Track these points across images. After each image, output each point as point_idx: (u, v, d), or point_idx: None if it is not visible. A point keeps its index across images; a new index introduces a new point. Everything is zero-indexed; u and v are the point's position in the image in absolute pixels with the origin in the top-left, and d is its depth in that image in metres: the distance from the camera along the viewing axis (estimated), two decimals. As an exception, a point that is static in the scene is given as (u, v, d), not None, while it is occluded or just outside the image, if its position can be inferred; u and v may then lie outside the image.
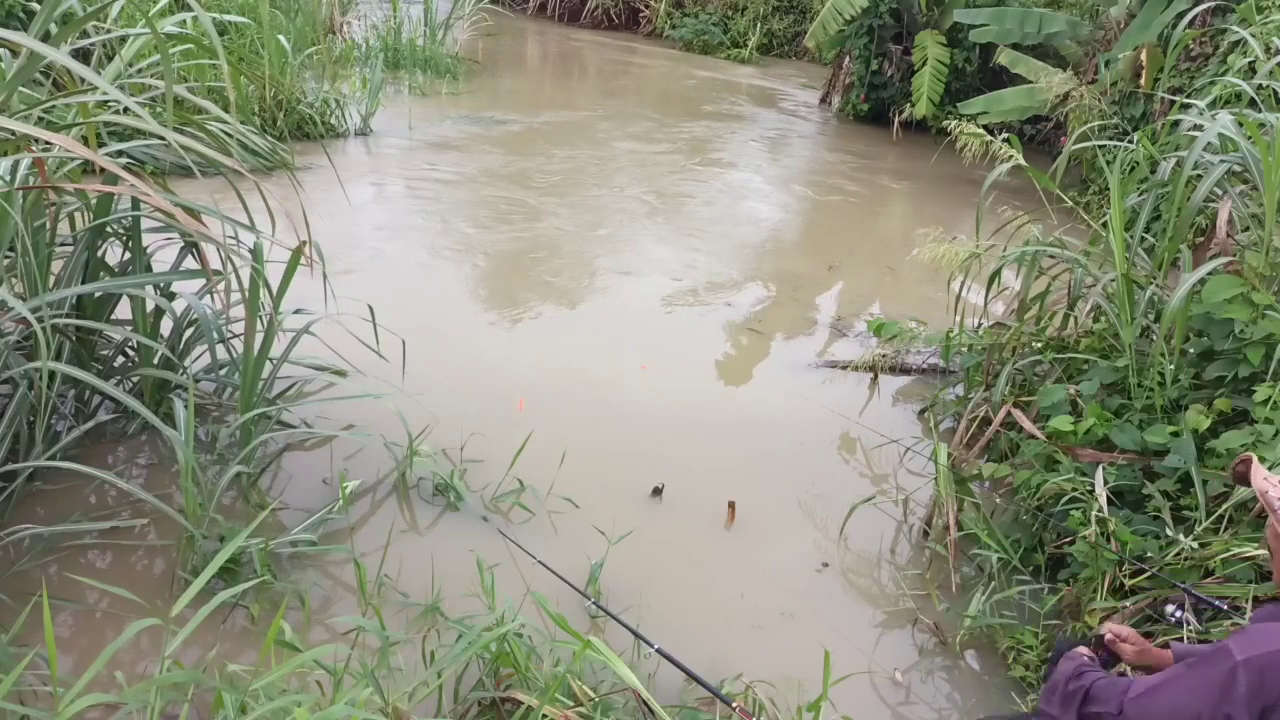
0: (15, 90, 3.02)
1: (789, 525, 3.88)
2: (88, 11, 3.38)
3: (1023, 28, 9.34)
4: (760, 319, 5.84)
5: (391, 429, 3.85)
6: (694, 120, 10.87)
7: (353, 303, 4.00)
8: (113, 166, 2.67)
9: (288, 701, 2.16)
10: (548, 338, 5.33)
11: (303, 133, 8.13)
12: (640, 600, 3.27)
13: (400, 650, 2.76)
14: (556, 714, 2.46)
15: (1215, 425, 3.25)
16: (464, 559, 3.28)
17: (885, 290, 6.52)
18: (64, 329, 3.40)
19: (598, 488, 3.87)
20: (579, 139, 9.53)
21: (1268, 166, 3.36)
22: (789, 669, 2.97)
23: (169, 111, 2.87)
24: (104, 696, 2.17)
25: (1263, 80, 4.42)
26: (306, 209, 3.74)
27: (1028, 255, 4.34)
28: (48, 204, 3.44)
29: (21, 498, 3.23)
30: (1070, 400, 3.76)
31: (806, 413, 4.71)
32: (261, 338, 3.49)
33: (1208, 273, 3.42)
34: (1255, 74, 4.64)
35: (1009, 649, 3.16)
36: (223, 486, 3.24)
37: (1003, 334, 4.53)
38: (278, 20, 9.24)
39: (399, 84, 10.95)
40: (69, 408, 3.70)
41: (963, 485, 3.77)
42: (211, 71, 6.67)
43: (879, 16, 10.66)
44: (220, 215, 3.46)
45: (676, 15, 16.27)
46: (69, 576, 3.03)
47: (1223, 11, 6.88)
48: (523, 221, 7.07)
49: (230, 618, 3.01)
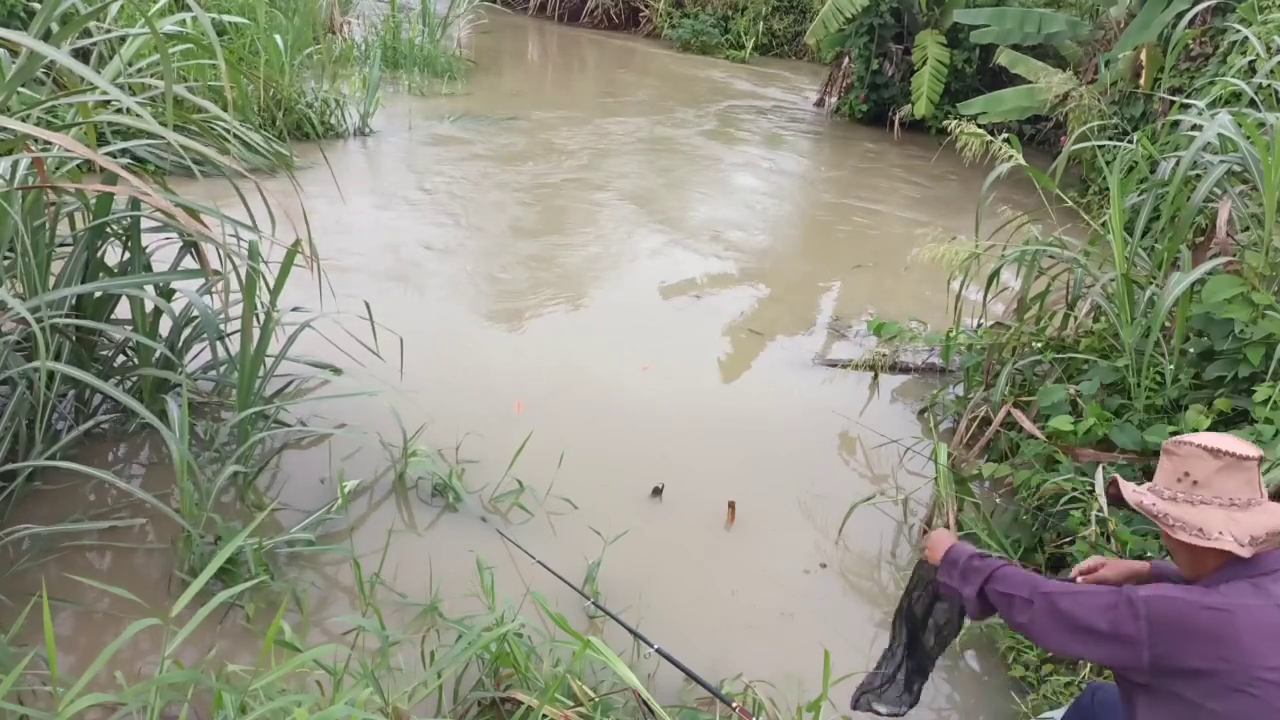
0: (15, 90, 3.02)
1: (789, 525, 3.87)
2: (88, 11, 3.37)
3: (1023, 28, 9.34)
4: (759, 318, 5.84)
5: (390, 429, 3.85)
6: (694, 120, 10.87)
7: (350, 300, 4.00)
8: (113, 166, 2.67)
9: (287, 701, 2.16)
10: (547, 337, 5.33)
11: (302, 132, 8.12)
12: (640, 600, 3.26)
13: (400, 650, 2.76)
14: (556, 714, 2.46)
15: (1215, 425, 3.24)
16: (463, 559, 3.28)
17: (885, 290, 6.52)
18: (63, 329, 3.39)
19: (597, 488, 3.87)
20: (578, 139, 9.53)
21: (1267, 166, 3.36)
22: (789, 669, 2.97)
23: (169, 111, 2.87)
24: (104, 696, 2.17)
25: (1263, 80, 4.42)
26: (305, 208, 3.74)
27: (1027, 255, 4.34)
28: (47, 204, 3.44)
29: (21, 498, 3.22)
30: (1070, 400, 3.76)
31: (806, 413, 4.71)
32: (258, 335, 3.50)
33: (1207, 272, 3.42)
34: (1255, 74, 4.63)
35: (1009, 649, 3.16)
36: (220, 486, 3.24)
37: (1003, 334, 4.52)
38: (277, 20, 9.23)
39: (398, 84, 10.95)
40: (68, 407, 3.69)
41: (963, 485, 3.77)
42: (211, 71, 6.67)
43: (879, 16, 10.66)
44: (220, 215, 3.46)
45: (676, 15, 16.26)
46: (68, 576, 3.03)
47: (1223, 11, 6.87)
48: (522, 220, 7.07)
49: (228, 618, 3.00)
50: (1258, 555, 1.87)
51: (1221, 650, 1.79)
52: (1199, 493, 1.94)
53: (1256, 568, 1.87)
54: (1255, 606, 1.82)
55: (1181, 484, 1.96)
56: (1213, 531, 1.87)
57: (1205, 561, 1.93)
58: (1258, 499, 1.92)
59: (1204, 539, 1.88)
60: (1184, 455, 1.97)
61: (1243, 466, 1.92)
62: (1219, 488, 1.92)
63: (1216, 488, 1.92)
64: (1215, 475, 1.93)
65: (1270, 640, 1.79)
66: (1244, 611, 1.81)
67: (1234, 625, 1.79)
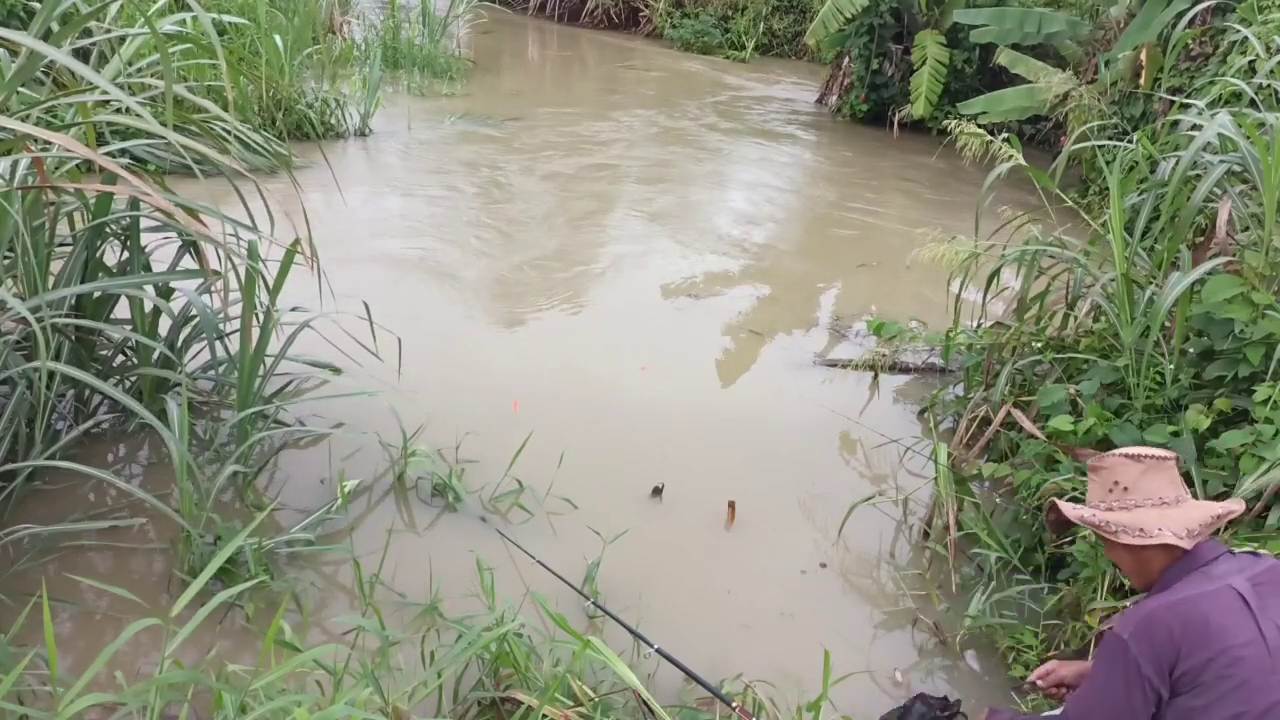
0: (15, 90, 3.02)
1: (789, 525, 3.87)
2: (88, 11, 3.37)
3: (1022, 28, 9.34)
4: (759, 318, 5.84)
5: (389, 429, 3.85)
6: (694, 120, 10.86)
7: (349, 300, 4.00)
8: (112, 166, 2.67)
9: (287, 701, 2.16)
10: (547, 337, 5.33)
11: (302, 132, 8.13)
12: (640, 600, 3.26)
13: (400, 650, 2.76)
14: (556, 714, 2.46)
15: (1215, 425, 3.24)
16: (463, 559, 3.28)
17: (885, 290, 6.52)
18: (63, 329, 3.39)
19: (597, 488, 3.87)
20: (578, 139, 9.53)
21: (1267, 166, 3.36)
22: (789, 669, 2.97)
23: (169, 111, 2.87)
24: (104, 696, 2.17)
25: (1263, 80, 4.41)
26: (305, 208, 3.73)
27: (1027, 255, 4.34)
28: (47, 203, 3.44)
29: (21, 497, 3.23)
30: (1070, 400, 3.76)
31: (806, 412, 4.71)
32: (258, 335, 3.49)
33: (1207, 272, 3.41)
34: (1255, 74, 4.63)
35: (1009, 649, 3.16)
36: (219, 486, 3.24)
37: (1002, 334, 4.52)
38: (277, 20, 9.23)
39: (398, 84, 10.95)
40: (68, 407, 3.69)
41: (963, 485, 3.77)
42: (210, 71, 6.68)
43: (879, 16, 10.65)
44: (219, 214, 3.46)
45: (676, 15, 16.26)
46: (68, 576, 3.03)
47: (1223, 11, 6.87)
48: (522, 221, 7.07)
49: (228, 618, 3.00)
50: (1196, 548, 2.01)
51: (1199, 640, 1.87)
52: (1131, 497, 2.09)
53: (1198, 559, 2.01)
54: (1211, 590, 1.93)
55: (1113, 493, 2.11)
56: (1152, 529, 2.02)
57: (1151, 565, 2.06)
58: (1183, 496, 2.09)
59: (1146, 537, 2.02)
60: (1109, 467, 2.14)
61: (1164, 466, 2.10)
62: (1147, 489, 2.08)
63: (1145, 490, 2.08)
64: (1141, 478, 2.09)
65: (1235, 615, 1.89)
66: (1203, 598, 1.92)
67: (1200, 611, 1.89)
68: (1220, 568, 1.98)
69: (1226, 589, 1.92)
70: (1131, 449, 2.17)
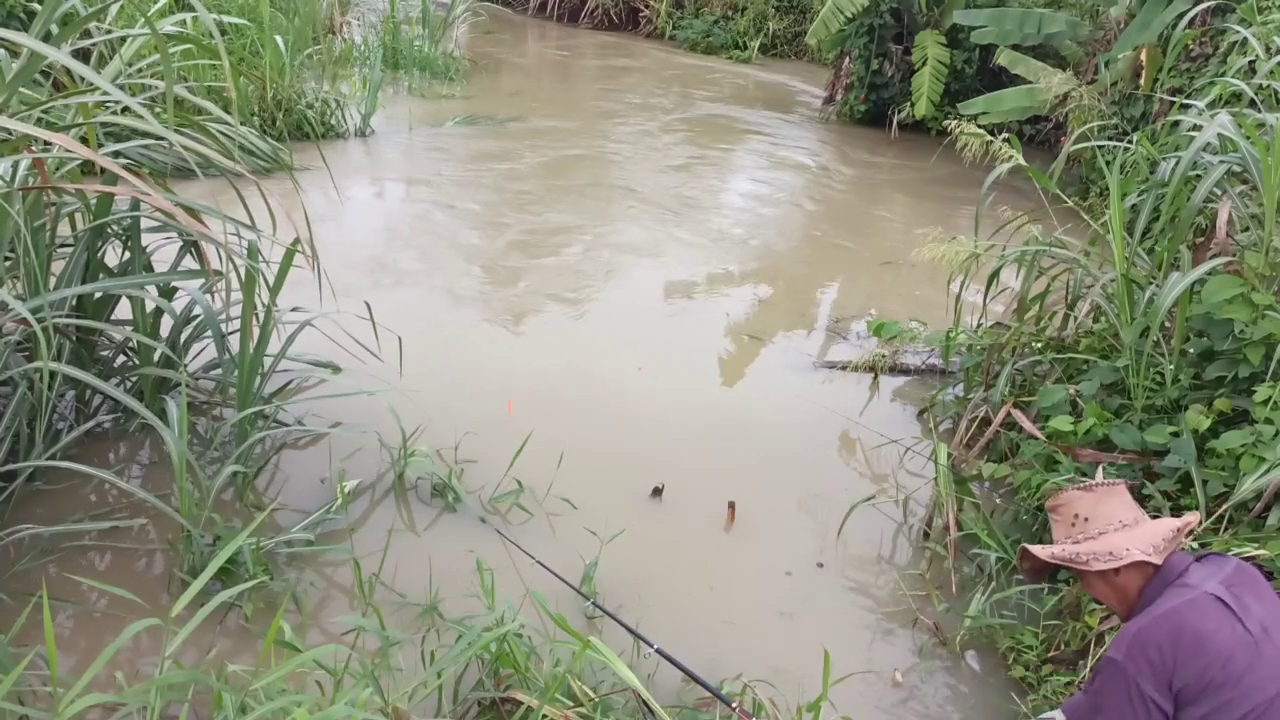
0: (15, 90, 3.02)
1: (789, 525, 3.87)
2: (88, 12, 3.38)
3: (1022, 28, 9.33)
4: (759, 318, 5.84)
5: (389, 429, 3.85)
6: (694, 121, 10.86)
7: (349, 300, 4.00)
8: (113, 166, 2.67)
9: (287, 702, 2.16)
10: (547, 337, 5.33)
11: (302, 133, 8.12)
12: (640, 600, 3.26)
13: (400, 650, 2.76)
14: (556, 714, 2.47)
15: (1215, 425, 3.25)
16: (463, 559, 3.28)
17: (885, 290, 6.52)
18: (64, 329, 3.39)
19: (597, 488, 3.87)
20: (578, 139, 9.53)
21: (1267, 167, 3.36)
22: (789, 669, 2.97)
23: (169, 111, 2.87)
24: (104, 696, 2.17)
25: (1262, 80, 4.42)
26: (306, 209, 3.74)
27: (1027, 255, 4.34)
28: (48, 204, 3.44)
29: (21, 498, 3.23)
30: (1070, 400, 3.76)
31: (806, 413, 4.71)
32: (258, 334, 3.50)
33: (1207, 273, 3.42)
34: (1255, 74, 4.63)
35: (1009, 649, 3.16)
36: (219, 485, 3.24)
37: (1002, 334, 4.52)
38: (277, 20, 9.23)
39: (398, 84, 10.95)
40: (69, 407, 3.70)
41: (963, 485, 3.77)
42: (211, 72, 6.68)
43: (879, 16, 10.65)
44: (220, 215, 3.46)
45: (677, 15, 16.26)
46: (68, 576, 3.03)
47: (1223, 11, 6.87)
48: (522, 221, 7.07)
49: (227, 618, 3.00)
50: (1166, 561, 2.07)
51: (1192, 650, 1.90)
52: (1094, 526, 2.16)
53: (1171, 573, 2.06)
54: (1191, 600, 1.98)
55: (1076, 526, 2.18)
56: (1120, 550, 2.08)
57: (1128, 587, 2.11)
58: (1141, 516, 2.17)
59: (1117, 560, 2.07)
60: (1066, 503, 2.22)
61: (1115, 491, 2.19)
62: (1107, 515, 2.16)
63: (1105, 516, 2.16)
64: (1098, 505, 2.17)
65: (1219, 619, 1.93)
66: (1186, 607, 1.96)
67: (1186, 621, 1.93)
68: (1194, 576, 2.03)
69: (1204, 595, 1.97)
70: (1081, 482, 2.26)
